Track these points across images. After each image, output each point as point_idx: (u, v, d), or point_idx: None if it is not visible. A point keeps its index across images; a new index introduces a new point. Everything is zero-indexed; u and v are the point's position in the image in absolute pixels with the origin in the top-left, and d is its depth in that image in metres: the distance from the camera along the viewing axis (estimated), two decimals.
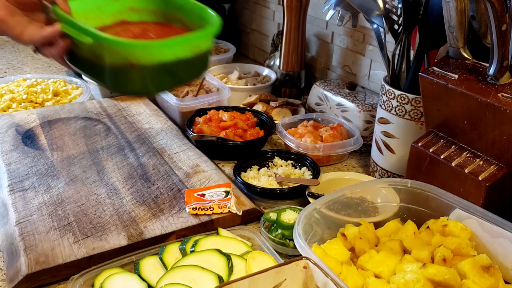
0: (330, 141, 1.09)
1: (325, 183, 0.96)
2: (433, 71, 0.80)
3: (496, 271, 0.66)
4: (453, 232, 0.72)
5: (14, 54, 1.72)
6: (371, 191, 0.84)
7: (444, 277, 0.63)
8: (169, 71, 0.75)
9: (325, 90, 1.24)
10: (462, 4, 0.74)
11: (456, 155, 0.80)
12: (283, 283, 0.59)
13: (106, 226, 0.82)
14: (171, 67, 0.74)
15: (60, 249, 0.76)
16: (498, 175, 0.74)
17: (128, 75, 0.73)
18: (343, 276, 0.66)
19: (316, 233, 0.75)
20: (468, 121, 0.77)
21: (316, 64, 1.47)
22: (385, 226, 0.78)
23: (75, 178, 0.95)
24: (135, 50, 0.71)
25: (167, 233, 0.81)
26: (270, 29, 1.66)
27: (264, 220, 0.85)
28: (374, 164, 1.03)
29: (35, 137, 1.10)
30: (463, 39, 0.78)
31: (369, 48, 1.26)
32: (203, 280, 0.69)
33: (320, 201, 0.76)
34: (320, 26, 1.42)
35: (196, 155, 1.05)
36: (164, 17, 0.88)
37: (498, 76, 0.74)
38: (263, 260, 0.74)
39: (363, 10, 0.96)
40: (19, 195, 0.89)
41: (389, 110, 0.95)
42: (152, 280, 0.71)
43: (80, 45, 0.73)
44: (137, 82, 0.74)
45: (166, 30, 0.85)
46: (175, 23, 0.86)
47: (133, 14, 0.88)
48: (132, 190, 0.92)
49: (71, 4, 0.76)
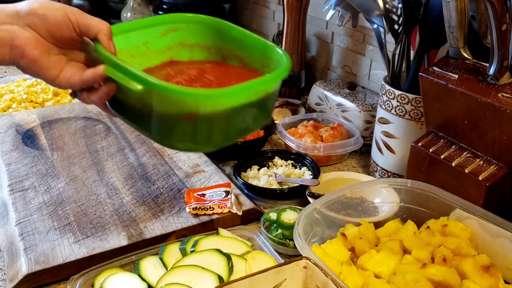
0: (330, 141, 1.09)
1: (325, 183, 0.96)
2: (433, 71, 0.80)
3: (496, 271, 0.66)
4: (453, 232, 0.72)
5: None
6: (371, 191, 0.84)
7: (444, 277, 0.63)
8: (232, 120, 0.64)
9: (325, 90, 1.24)
10: (462, 4, 0.74)
11: (456, 155, 0.80)
12: (283, 283, 0.59)
13: (106, 226, 0.82)
14: (235, 115, 0.64)
15: (60, 249, 0.76)
16: (498, 175, 0.74)
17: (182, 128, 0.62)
18: (343, 276, 0.66)
19: (316, 233, 0.75)
20: (468, 121, 0.77)
21: (316, 64, 1.47)
22: (385, 226, 0.78)
23: (75, 178, 0.95)
24: (197, 100, 0.61)
25: (167, 233, 0.81)
26: (270, 29, 1.66)
27: (264, 220, 0.85)
28: (374, 164, 1.03)
29: (35, 137, 1.10)
30: (463, 39, 0.78)
31: (369, 48, 1.26)
32: (203, 280, 0.69)
33: (320, 201, 0.76)
34: (320, 26, 1.42)
35: (196, 155, 1.05)
36: (219, 54, 0.77)
37: (498, 76, 0.74)
38: (263, 260, 0.74)
39: (363, 10, 0.96)
40: (19, 195, 0.89)
41: (389, 110, 0.95)
42: (152, 280, 0.71)
43: (126, 92, 0.63)
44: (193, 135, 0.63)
45: (225, 70, 0.74)
46: (231, 60, 0.76)
47: (184, 50, 0.77)
48: (132, 190, 0.92)
49: (115, 40, 0.67)
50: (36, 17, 0.62)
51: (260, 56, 0.72)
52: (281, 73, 0.66)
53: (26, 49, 0.61)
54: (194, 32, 0.77)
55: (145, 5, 1.89)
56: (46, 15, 0.62)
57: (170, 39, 0.76)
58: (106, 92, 0.65)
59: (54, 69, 0.63)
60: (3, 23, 0.61)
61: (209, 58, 0.78)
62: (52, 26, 0.62)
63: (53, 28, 0.62)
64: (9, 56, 0.62)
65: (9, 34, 0.61)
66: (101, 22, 0.66)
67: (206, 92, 0.63)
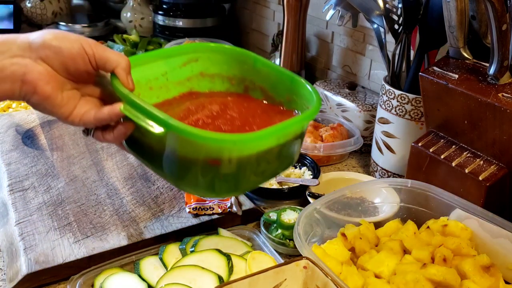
0: (330, 141, 1.09)
1: (325, 183, 0.96)
2: (433, 71, 0.80)
3: (496, 271, 0.66)
4: (453, 232, 0.72)
5: None
6: (371, 191, 0.84)
7: (444, 277, 0.63)
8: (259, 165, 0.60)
9: (325, 90, 1.24)
10: (462, 4, 0.74)
11: (456, 155, 0.79)
12: (283, 283, 0.59)
13: (106, 226, 0.82)
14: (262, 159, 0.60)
15: (60, 249, 0.76)
16: (499, 175, 0.74)
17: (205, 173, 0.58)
18: (343, 276, 0.66)
19: (316, 233, 0.75)
20: (469, 121, 0.77)
21: (316, 64, 1.47)
22: (385, 226, 0.78)
23: (75, 178, 0.95)
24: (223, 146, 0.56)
25: (167, 233, 0.81)
26: (270, 29, 1.66)
27: (264, 220, 0.85)
28: (374, 164, 1.03)
29: (35, 137, 1.10)
30: (463, 39, 0.78)
31: (369, 48, 1.26)
32: (203, 280, 0.69)
33: (320, 201, 0.76)
34: (320, 26, 1.41)
35: None
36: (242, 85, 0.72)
37: (498, 76, 0.74)
38: (263, 260, 0.74)
39: (363, 10, 0.96)
40: (19, 195, 0.89)
41: (389, 110, 0.95)
42: (152, 280, 0.71)
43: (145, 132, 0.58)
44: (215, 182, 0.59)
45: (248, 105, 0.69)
46: (254, 92, 0.71)
47: (204, 81, 0.73)
48: (132, 190, 0.92)
49: (132, 72, 0.62)
50: (50, 49, 0.57)
51: (286, 90, 0.68)
52: (313, 113, 0.62)
53: (39, 84, 0.57)
54: (215, 62, 0.73)
55: (145, 5, 1.89)
56: (60, 48, 0.57)
57: (190, 70, 0.72)
58: (123, 132, 0.60)
59: (67, 106, 0.59)
60: (14, 55, 0.56)
61: (230, 89, 0.73)
62: (67, 59, 0.58)
63: (68, 61, 0.58)
64: (19, 91, 0.57)
65: (20, 68, 0.56)
66: (119, 55, 0.61)
67: (232, 138, 0.57)
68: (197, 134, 0.55)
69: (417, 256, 0.69)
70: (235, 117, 0.65)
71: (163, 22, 1.69)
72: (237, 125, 0.64)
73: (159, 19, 1.70)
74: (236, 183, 0.60)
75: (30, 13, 1.95)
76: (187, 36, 1.64)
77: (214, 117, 0.64)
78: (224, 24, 1.76)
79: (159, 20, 1.70)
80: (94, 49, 0.59)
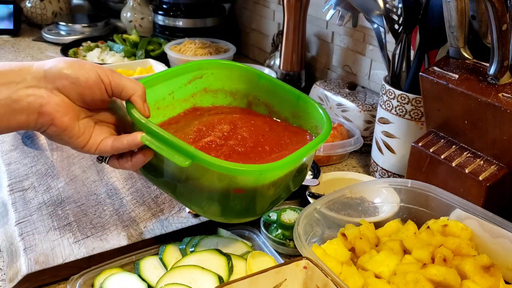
0: (330, 141, 1.09)
1: (325, 183, 0.96)
2: (434, 71, 0.80)
3: (496, 271, 0.66)
4: (453, 232, 0.72)
5: (14, 54, 1.72)
6: (371, 191, 0.84)
7: (444, 277, 0.63)
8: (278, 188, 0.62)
9: (325, 90, 1.24)
10: (463, 4, 0.74)
11: (456, 155, 0.79)
12: (283, 283, 0.59)
13: (106, 226, 0.82)
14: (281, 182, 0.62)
15: (60, 249, 0.76)
16: (499, 175, 0.74)
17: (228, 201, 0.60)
18: (343, 276, 0.66)
19: (316, 233, 0.75)
20: (469, 121, 0.77)
21: (316, 64, 1.47)
22: (386, 226, 0.78)
23: (75, 178, 0.95)
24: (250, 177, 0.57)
25: (167, 233, 0.81)
26: (270, 29, 1.66)
27: (264, 220, 0.85)
28: (375, 164, 1.03)
29: (35, 137, 1.10)
30: (463, 39, 0.78)
31: (370, 48, 1.26)
32: (203, 280, 0.69)
33: (320, 201, 0.76)
34: (320, 26, 1.41)
35: None
36: (245, 100, 0.73)
37: (498, 76, 0.74)
38: (263, 260, 0.74)
39: (363, 10, 0.96)
40: (19, 195, 0.89)
41: (389, 110, 0.95)
42: (152, 280, 0.71)
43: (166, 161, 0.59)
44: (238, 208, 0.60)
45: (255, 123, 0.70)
46: (258, 107, 0.73)
47: (207, 96, 0.74)
48: (132, 190, 0.92)
49: None
50: (67, 79, 0.56)
51: (292, 107, 0.69)
52: (325, 135, 0.64)
53: (56, 116, 0.56)
54: (219, 78, 0.74)
55: (145, 5, 1.89)
56: (77, 77, 0.57)
57: (194, 86, 0.73)
58: (142, 161, 0.60)
59: (83, 136, 0.58)
60: (29, 86, 0.55)
61: (233, 103, 0.75)
62: (84, 89, 0.57)
63: (85, 91, 0.57)
64: (35, 123, 0.56)
65: (37, 99, 0.55)
66: (135, 83, 0.61)
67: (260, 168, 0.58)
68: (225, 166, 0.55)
69: (417, 256, 0.69)
70: (246, 138, 0.66)
71: (163, 22, 1.69)
72: (250, 146, 0.66)
73: (159, 19, 1.70)
74: (254, 207, 0.62)
75: (30, 13, 1.95)
76: (187, 36, 1.64)
77: (226, 137, 0.66)
78: (224, 24, 1.76)
79: (159, 20, 1.70)
80: (110, 77, 0.59)
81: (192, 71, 0.73)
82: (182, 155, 0.55)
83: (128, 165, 0.61)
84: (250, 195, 0.60)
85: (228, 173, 0.56)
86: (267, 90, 0.71)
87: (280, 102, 0.71)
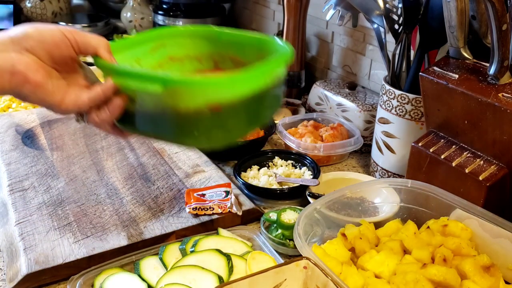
0: (330, 141, 1.09)
1: (325, 183, 0.96)
2: (434, 71, 0.80)
3: (496, 271, 0.66)
4: (453, 232, 0.72)
5: None
6: (371, 191, 0.84)
7: (444, 277, 0.63)
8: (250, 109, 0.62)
9: (325, 90, 1.24)
10: (463, 4, 0.74)
11: (456, 155, 0.79)
12: (283, 283, 0.59)
13: (106, 226, 0.82)
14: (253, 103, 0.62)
15: (60, 249, 0.76)
16: (499, 175, 0.74)
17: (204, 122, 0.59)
18: (343, 276, 0.66)
19: (316, 233, 0.75)
20: (469, 121, 0.77)
21: (316, 64, 1.47)
22: (386, 226, 0.78)
23: (75, 178, 0.95)
24: (225, 88, 0.58)
25: (167, 233, 0.81)
26: (270, 29, 1.66)
27: (264, 220, 0.85)
28: (374, 164, 1.03)
29: (35, 137, 1.10)
30: (463, 39, 0.78)
31: (370, 48, 1.26)
32: (203, 280, 0.69)
33: (320, 201, 0.76)
34: (320, 26, 1.41)
35: (196, 155, 1.05)
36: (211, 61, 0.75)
37: (498, 76, 0.74)
38: (263, 260, 0.74)
39: (363, 10, 0.96)
40: (19, 195, 0.89)
41: (389, 110, 0.95)
42: (152, 280, 0.71)
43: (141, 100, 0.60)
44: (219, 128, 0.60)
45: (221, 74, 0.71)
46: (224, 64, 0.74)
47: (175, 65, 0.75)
48: (132, 190, 0.92)
49: None
50: (33, 40, 0.59)
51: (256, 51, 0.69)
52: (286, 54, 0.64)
53: (28, 74, 0.58)
54: (182, 45, 0.75)
55: (145, 5, 1.89)
56: (43, 37, 0.59)
57: (159, 55, 0.74)
58: (118, 105, 0.61)
59: (58, 93, 0.60)
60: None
61: (200, 67, 0.76)
62: (51, 47, 0.59)
63: (52, 48, 0.60)
64: (9, 84, 0.58)
65: (7, 61, 0.57)
66: (99, 38, 0.64)
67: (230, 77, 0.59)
68: (197, 80, 0.57)
69: (417, 256, 0.69)
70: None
71: (163, 22, 1.69)
72: None
73: (159, 19, 1.70)
74: (232, 129, 0.62)
75: (30, 13, 1.95)
76: None
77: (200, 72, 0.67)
78: (224, 24, 1.76)
79: (159, 20, 1.70)
80: (75, 34, 0.62)
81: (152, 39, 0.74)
82: (155, 82, 0.57)
83: (106, 114, 0.62)
84: (228, 112, 0.59)
85: (199, 87, 0.57)
86: (230, 44, 0.72)
87: (244, 51, 0.71)
